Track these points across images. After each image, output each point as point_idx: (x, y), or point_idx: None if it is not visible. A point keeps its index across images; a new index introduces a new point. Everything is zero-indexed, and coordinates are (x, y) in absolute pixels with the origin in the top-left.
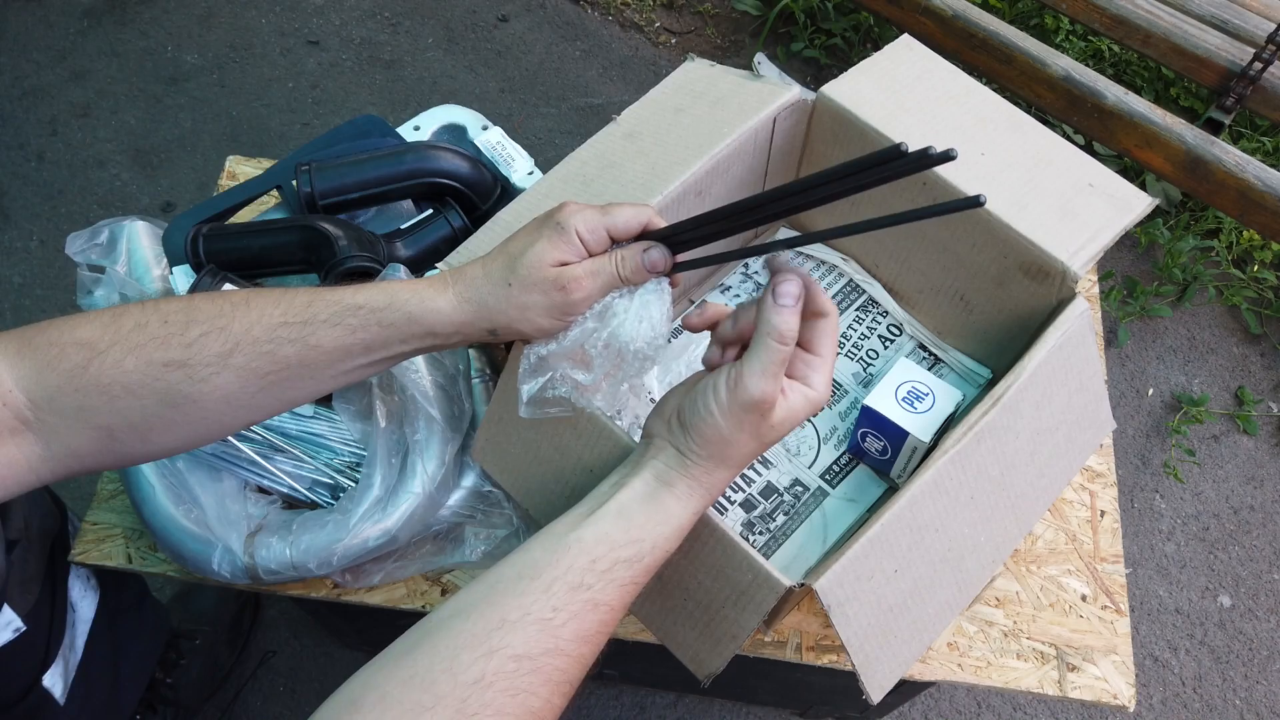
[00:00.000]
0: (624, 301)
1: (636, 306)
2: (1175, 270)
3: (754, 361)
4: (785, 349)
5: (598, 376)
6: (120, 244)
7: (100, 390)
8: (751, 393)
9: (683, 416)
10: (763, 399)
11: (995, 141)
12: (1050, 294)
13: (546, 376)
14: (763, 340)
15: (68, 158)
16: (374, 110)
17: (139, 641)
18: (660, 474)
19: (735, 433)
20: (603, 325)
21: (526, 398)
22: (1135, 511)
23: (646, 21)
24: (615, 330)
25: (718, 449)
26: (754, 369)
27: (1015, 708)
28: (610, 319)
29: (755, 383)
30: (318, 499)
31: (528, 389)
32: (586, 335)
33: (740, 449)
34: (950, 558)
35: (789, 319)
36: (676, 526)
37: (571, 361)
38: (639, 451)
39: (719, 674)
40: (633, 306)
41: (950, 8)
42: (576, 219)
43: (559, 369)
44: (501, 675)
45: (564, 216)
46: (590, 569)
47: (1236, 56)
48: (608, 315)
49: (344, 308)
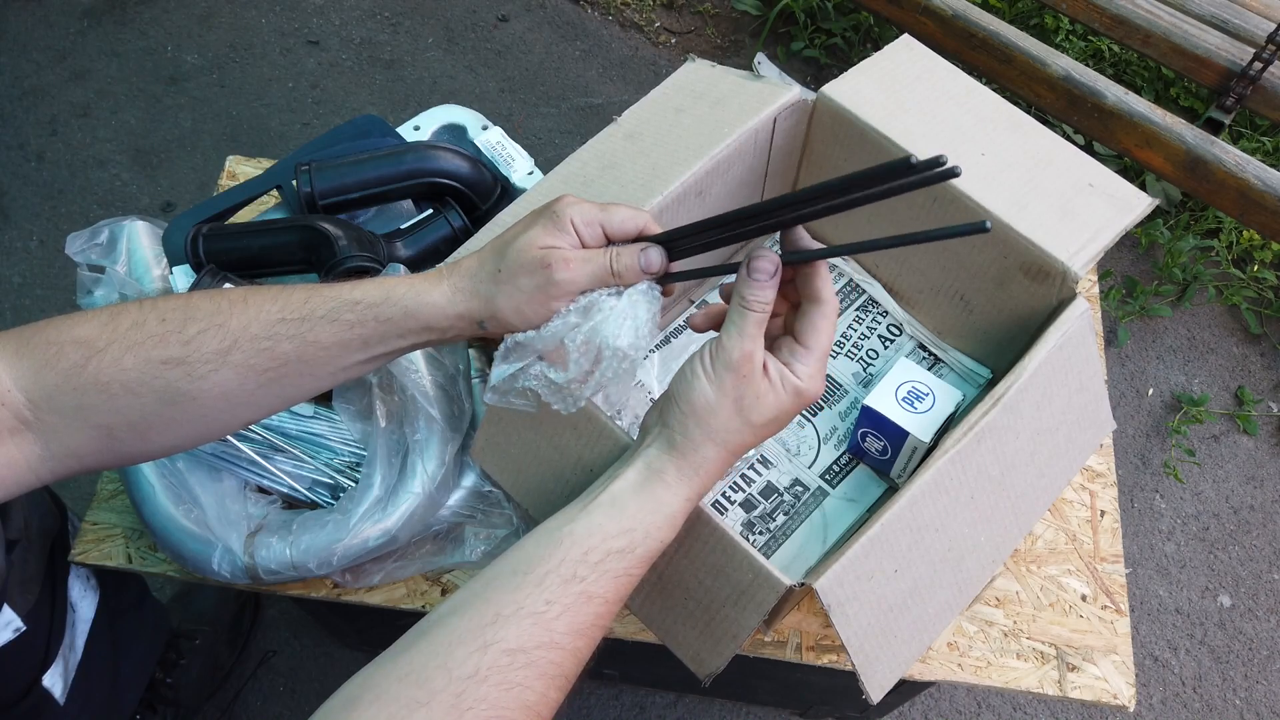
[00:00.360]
0: (611, 300)
1: (624, 305)
2: (1175, 270)
3: (729, 325)
4: (756, 314)
5: (573, 376)
6: (120, 244)
7: (99, 389)
8: (730, 352)
9: (671, 390)
10: (741, 358)
11: (995, 141)
12: (1050, 294)
13: (519, 365)
14: (735, 307)
15: (68, 158)
16: (374, 110)
17: (139, 641)
18: (650, 461)
19: (720, 398)
20: (585, 320)
21: (493, 382)
22: (1135, 511)
23: (646, 21)
24: (598, 326)
25: (704, 418)
26: (729, 331)
27: (1015, 708)
28: (594, 314)
29: (732, 342)
30: (318, 499)
31: (497, 373)
32: (567, 329)
33: (726, 419)
34: (950, 558)
35: (758, 290)
36: (668, 515)
37: (548, 357)
38: (634, 446)
39: (719, 673)
40: (620, 305)
41: (950, 8)
42: (573, 210)
43: (534, 364)
44: (495, 669)
45: (560, 206)
46: (583, 561)
47: (1236, 56)
48: (592, 311)
49: (341, 303)
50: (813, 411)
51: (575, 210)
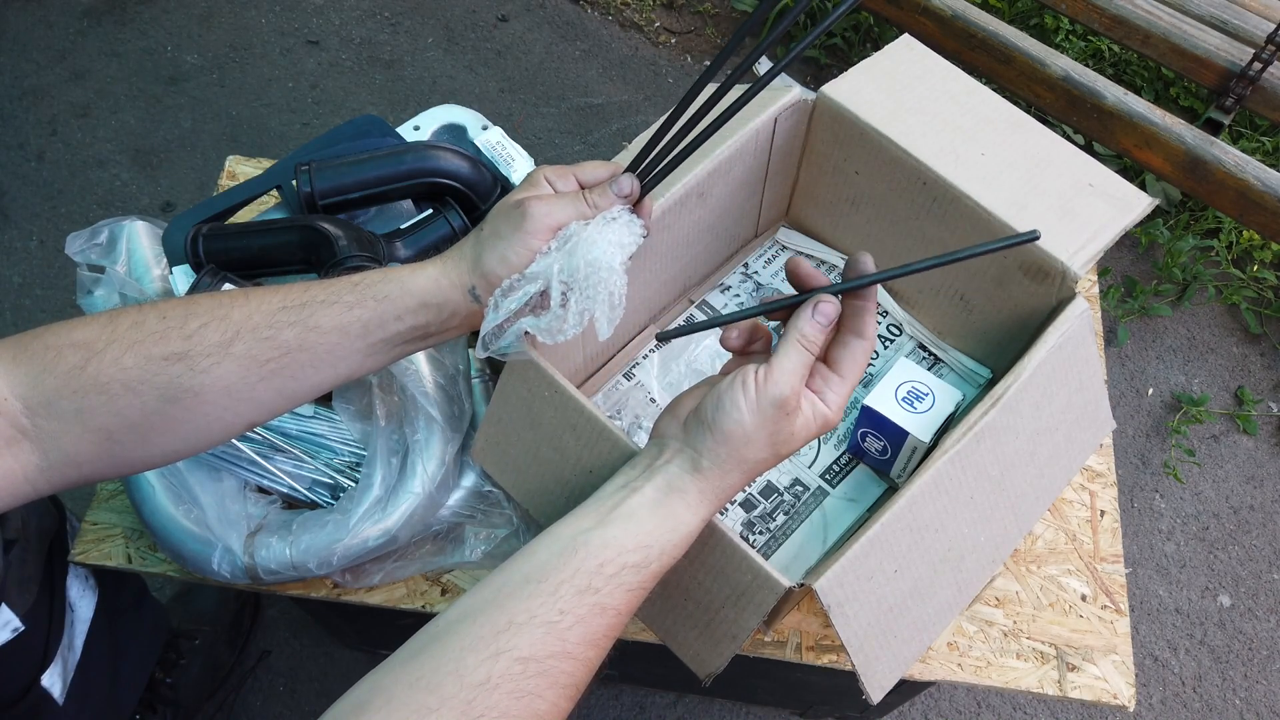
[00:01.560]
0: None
1: (599, 225)
2: (1175, 270)
3: (782, 361)
4: (811, 354)
5: (555, 312)
6: (120, 244)
7: (99, 389)
8: (781, 388)
9: (703, 413)
10: (791, 395)
11: (995, 141)
12: (1050, 294)
13: (503, 316)
14: (792, 342)
15: (68, 158)
16: (374, 110)
17: (138, 641)
18: (673, 480)
19: (757, 430)
20: (562, 250)
21: (482, 334)
22: (1135, 511)
23: (646, 21)
24: (574, 247)
25: (737, 448)
26: (783, 367)
27: (1015, 708)
28: (572, 241)
29: (785, 379)
30: (318, 499)
31: (485, 326)
32: (548, 266)
33: (758, 450)
34: (950, 557)
35: (819, 332)
36: (686, 534)
37: (531, 307)
38: (650, 455)
39: (720, 673)
40: (594, 225)
41: (950, 8)
42: (546, 170)
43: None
44: (507, 677)
45: (533, 171)
46: (598, 573)
47: (1236, 56)
48: (571, 241)
49: (341, 286)
50: None
51: (548, 169)
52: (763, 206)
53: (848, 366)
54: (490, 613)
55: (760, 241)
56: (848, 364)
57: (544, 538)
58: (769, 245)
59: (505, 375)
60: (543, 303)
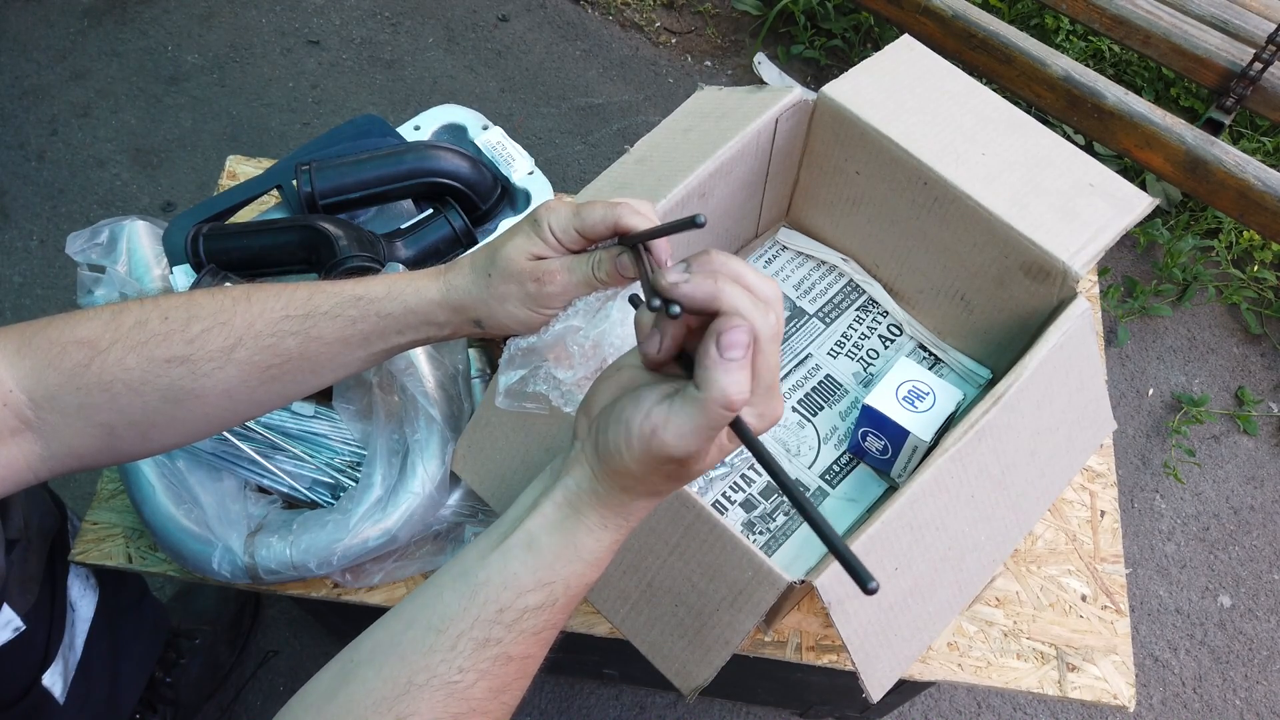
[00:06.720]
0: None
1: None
2: (1175, 270)
3: (683, 418)
4: (729, 414)
5: (580, 375)
6: (120, 243)
7: (102, 388)
8: (671, 451)
9: (596, 435)
10: (684, 456)
11: (995, 141)
12: (1051, 294)
13: (526, 369)
14: (702, 401)
15: (68, 157)
16: (374, 110)
17: (139, 641)
18: (572, 498)
19: (648, 474)
20: (591, 326)
21: (504, 388)
22: (1135, 511)
23: (646, 21)
24: (605, 331)
25: (630, 483)
26: (682, 428)
27: (1015, 708)
28: (601, 320)
29: (678, 443)
30: (318, 498)
31: (505, 380)
32: (571, 333)
33: (656, 485)
34: (950, 557)
35: (739, 380)
36: (591, 561)
37: (554, 359)
38: (563, 455)
39: (715, 677)
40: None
41: (950, 8)
42: (551, 216)
43: (542, 366)
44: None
45: (541, 213)
46: (497, 621)
47: (1236, 57)
48: (599, 316)
49: (344, 299)
50: (813, 412)
51: (553, 216)
52: (763, 207)
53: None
54: (393, 664)
55: (761, 241)
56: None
57: (450, 568)
58: (770, 245)
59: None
60: (561, 354)
